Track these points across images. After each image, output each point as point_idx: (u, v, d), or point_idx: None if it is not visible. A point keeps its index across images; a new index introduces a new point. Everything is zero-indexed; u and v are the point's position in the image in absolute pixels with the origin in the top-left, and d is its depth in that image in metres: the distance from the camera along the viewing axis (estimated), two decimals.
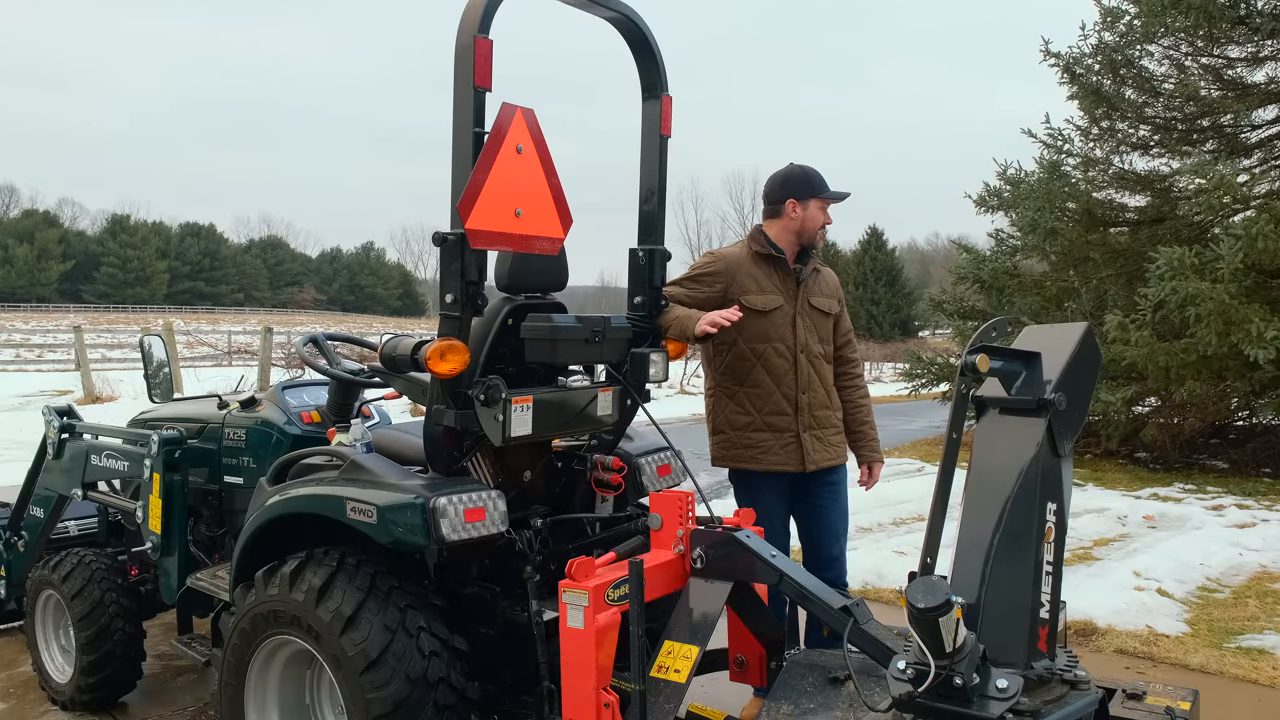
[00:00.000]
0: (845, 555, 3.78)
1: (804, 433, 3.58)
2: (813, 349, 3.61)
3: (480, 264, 2.68)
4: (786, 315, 3.57)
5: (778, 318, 3.56)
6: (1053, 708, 2.14)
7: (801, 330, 3.59)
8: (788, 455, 3.58)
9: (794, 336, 3.57)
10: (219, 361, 26.99)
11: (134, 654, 3.92)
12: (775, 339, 3.56)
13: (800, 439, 3.57)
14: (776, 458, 3.58)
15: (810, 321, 3.62)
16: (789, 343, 3.57)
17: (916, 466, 10.57)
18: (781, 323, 3.56)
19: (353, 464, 2.83)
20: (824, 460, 3.62)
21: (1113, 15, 10.88)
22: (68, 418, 4.23)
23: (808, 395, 3.58)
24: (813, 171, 3.65)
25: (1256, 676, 4.35)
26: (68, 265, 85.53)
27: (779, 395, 3.57)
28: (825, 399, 3.66)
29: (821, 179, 3.64)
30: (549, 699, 2.60)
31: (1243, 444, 10.83)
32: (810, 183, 3.60)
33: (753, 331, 3.54)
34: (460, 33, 2.58)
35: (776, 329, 3.56)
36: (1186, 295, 8.51)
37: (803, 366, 3.58)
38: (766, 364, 3.56)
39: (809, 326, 3.61)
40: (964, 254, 13.04)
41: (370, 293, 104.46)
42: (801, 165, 3.67)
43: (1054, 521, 2.32)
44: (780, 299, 3.57)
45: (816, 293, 3.66)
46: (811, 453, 3.59)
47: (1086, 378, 2.49)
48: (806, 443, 3.58)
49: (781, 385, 3.57)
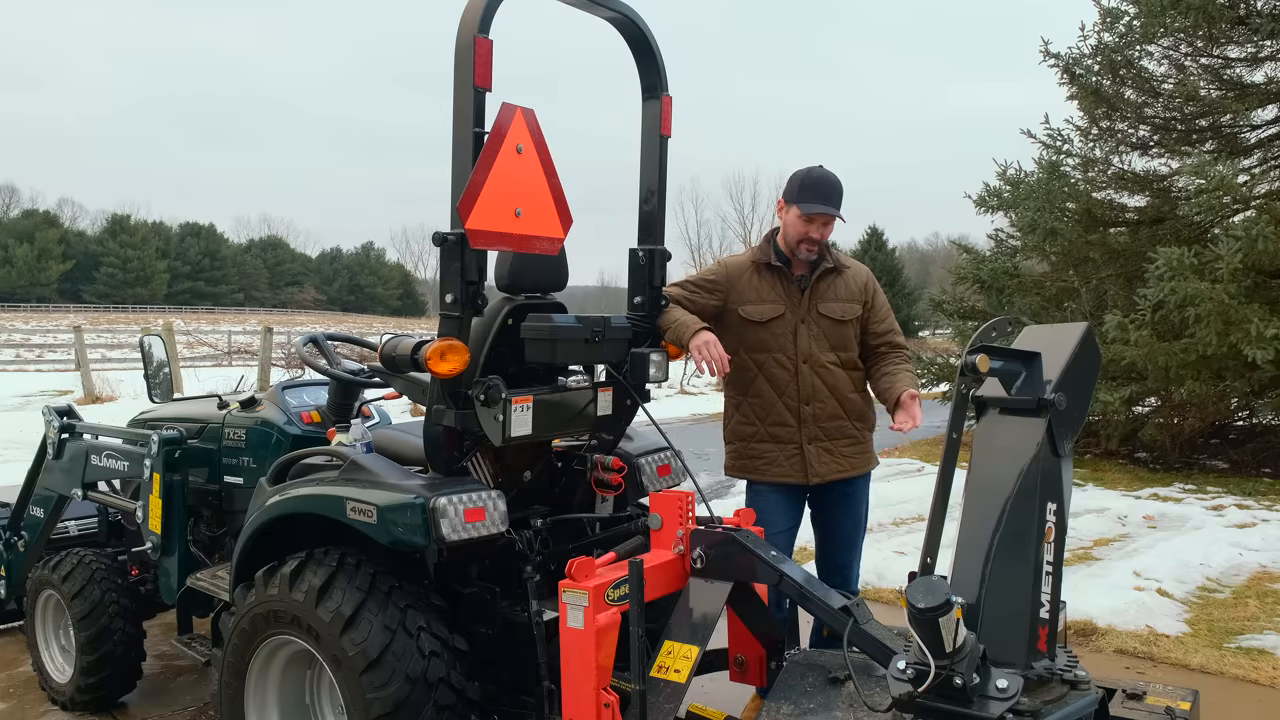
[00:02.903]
0: (857, 564, 3.68)
1: (808, 444, 3.47)
2: (819, 358, 3.46)
3: (480, 264, 2.68)
4: (788, 325, 3.46)
5: (777, 327, 3.47)
6: (1053, 708, 2.14)
7: (805, 339, 3.46)
8: (791, 467, 3.49)
9: (795, 346, 3.45)
10: (219, 361, 26.96)
11: (134, 654, 3.93)
12: (775, 349, 3.46)
13: (804, 450, 3.47)
14: (780, 469, 3.50)
15: (818, 330, 3.47)
16: (790, 353, 3.46)
17: (916, 466, 10.56)
18: (782, 332, 3.46)
19: (353, 464, 2.83)
20: (831, 473, 3.49)
21: (1112, 16, 10.89)
22: (68, 418, 4.24)
23: (812, 406, 3.46)
24: (811, 177, 3.43)
25: (1256, 676, 4.35)
26: (68, 265, 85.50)
27: (781, 406, 3.47)
28: (837, 409, 3.49)
29: (813, 188, 3.40)
30: (549, 699, 2.60)
31: (1243, 444, 10.83)
32: (798, 187, 3.42)
33: (752, 342, 3.48)
34: (460, 33, 2.58)
35: (776, 339, 3.46)
36: (1186, 295, 8.51)
37: (805, 377, 3.45)
38: (768, 374, 3.48)
39: (815, 335, 3.47)
40: (964, 254, 13.06)
41: (370, 293, 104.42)
42: (810, 169, 3.47)
43: (1054, 521, 2.32)
44: (781, 308, 3.46)
45: (829, 298, 3.49)
46: (816, 465, 3.48)
47: (1086, 378, 2.50)
48: (810, 455, 3.47)
49: (784, 396, 3.47)
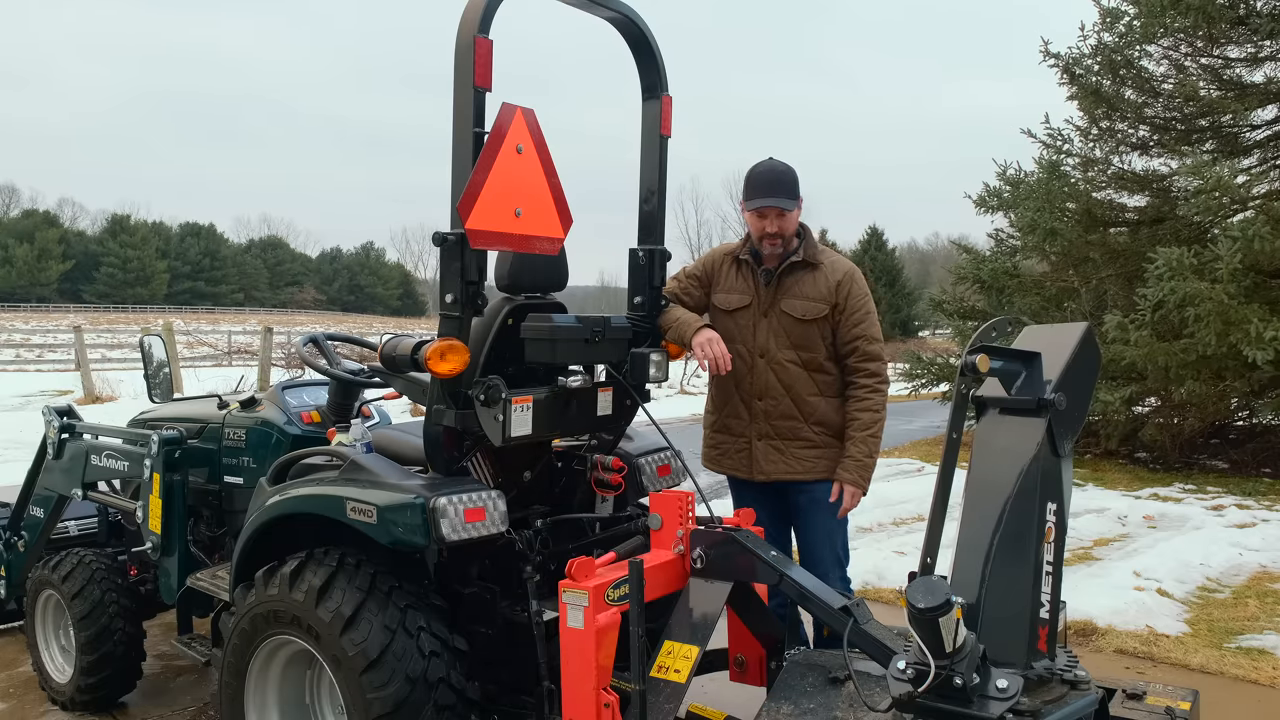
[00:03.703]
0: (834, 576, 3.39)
1: (757, 440, 3.45)
2: (775, 354, 3.41)
3: (480, 264, 2.68)
4: (750, 317, 3.46)
5: (741, 319, 3.47)
6: (1053, 708, 2.14)
7: (763, 333, 3.43)
8: (739, 460, 3.50)
9: (754, 339, 3.44)
10: (219, 361, 26.96)
11: (134, 654, 3.92)
12: (738, 340, 3.45)
13: (752, 446, 3.45)
14: (730, 461, 3.53)
15: (779, 325, 3.42)
16: (749, 345, 3.45)
17: (916, 466, 10.57)
18: (745, 324, 3.46)
19: (353, 464, 2.83)
20: (780, 474, 3.43)
21: (1112, 16, 10.89)
22: (68, 418, 4.23)
23: (764, 402, 3.43)
24: (755, 173, 3.39)
25: (1256, 676, 4.35)
26: (68, 265, 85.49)
27: (737, 398, 3.49)
28: (791, 409, 3.41)
29: (756, 182, 3.37)
30: (549, 699, 2.60)
31: (1243, 444, 10.83)
32: (747, 186, 3.41)
33: (721, 331, 3.44)
34: (460, 33, 2.58)
35: (740, 330, 3.46)
36: (1185, 295, 8.52)
37: (760, 371, 3.43)
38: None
39: (775, 330, 3.42)
40: (964, 254, 13.06)
41: (370, 293, 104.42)
42: (757, 164, 3.41)
43: (1054, 521, 2.32)
44: (747, 299, 3.46)
45: (794, 295, 3.41)
46: (762, 462, 3.43)
47: (1086, 378, 2.50)
48: (757, 450, 3.44)
49: (740, 388, 3.47)
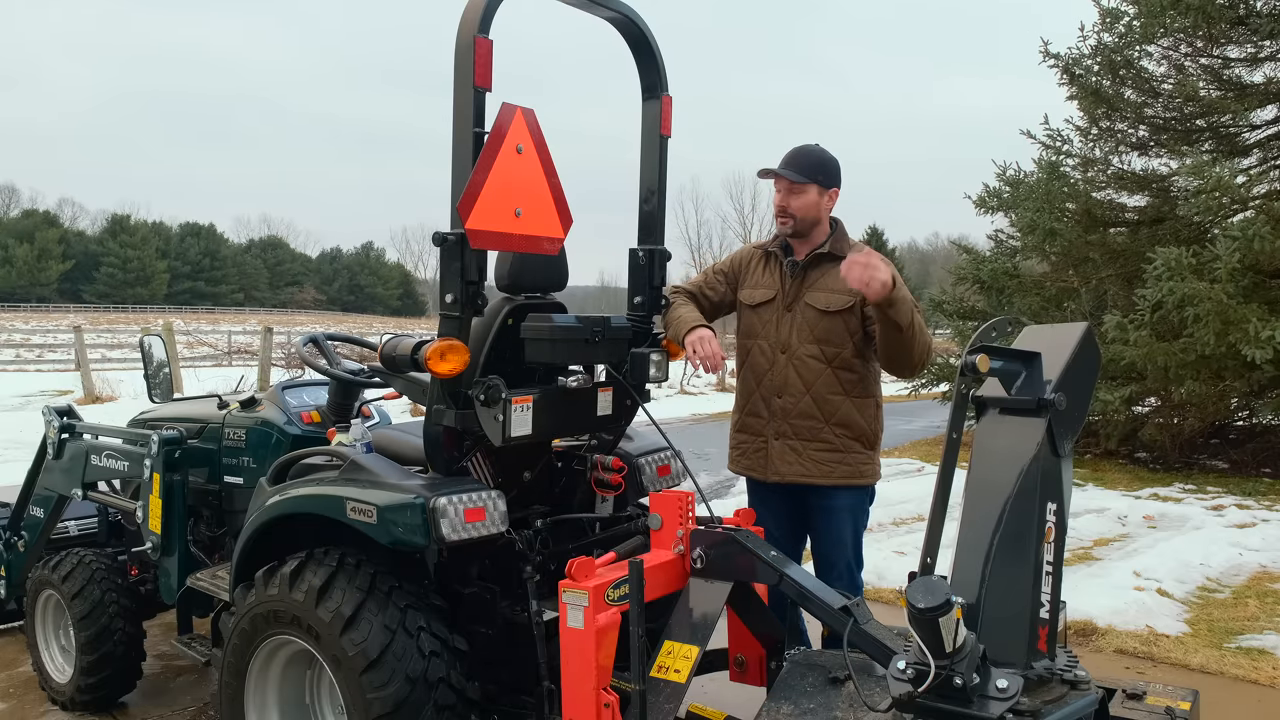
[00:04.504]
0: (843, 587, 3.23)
1: (774, 439, 3.34)
2: (797, 349, 3.30)
3: (480, 264, 2.68)
4: (774, 311, 3.38)
5: (765, 313, 3.40)
6: (1053, 708, 2.13)
7: (786, 328, 3.33)
8: (755, 460, 3.41)
9: (776, 334, 3.36)
10: (219, 361, 26.95)
11: (134, 654, 3.92)
12: (760, 335, 3.40)
13: (768, 445, 3.35)
14: (747, 461, 3.45)
15: (802, 319, 3.31)
16: (771, 340, 3.36)
17: (916, 466, 10.56)
18: (768, 318, 3.39)
19: (353, 464, 2.83)
20: (794, 475, 3.31)
21: (1112, 16, 10.90)
22: (68, 418, 4.23)
23: (783, 400, 3.31)
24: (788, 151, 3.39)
25: (1256, 676, 4.35)
26: (68, 265, 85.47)
27: (758, 395, 3.40)
28: (811, 408, 3.29)
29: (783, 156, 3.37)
30: (549, 699, 2.60)
31: (1243, 444, 10.84)
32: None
33: (745, 327, 3.46)
34: (460, 33, 2.58)
35: (763, 325, 3.40)
36: (1184, 295, 8.52)
37: (780, 367, 3.33)
38: (752, 361, 3.42)
39: (799, 324, 3.32)
40: (964, 254, 13.06)
41: (370, 293, 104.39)
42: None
43: (1054, 521, 2.32)
44: (772, 293, 3.39)
45: (820, 287, 3.32)
46: (777, 463, 3.33)
47: (1086, 378, 2.49)
48: (774, 450, 3.33)
49: (761, 385, 3.39)
